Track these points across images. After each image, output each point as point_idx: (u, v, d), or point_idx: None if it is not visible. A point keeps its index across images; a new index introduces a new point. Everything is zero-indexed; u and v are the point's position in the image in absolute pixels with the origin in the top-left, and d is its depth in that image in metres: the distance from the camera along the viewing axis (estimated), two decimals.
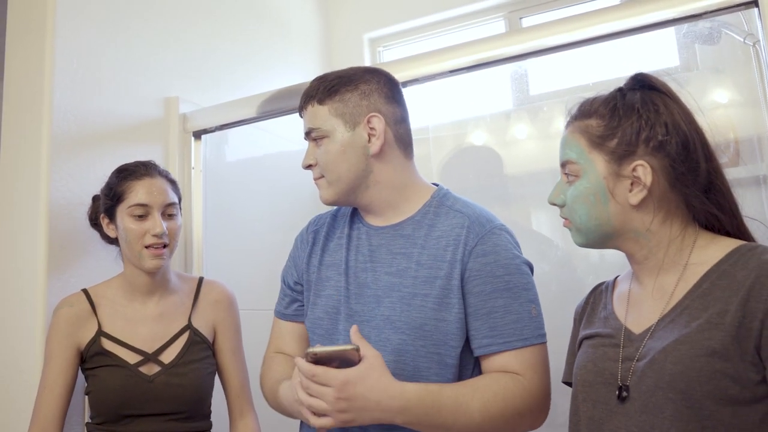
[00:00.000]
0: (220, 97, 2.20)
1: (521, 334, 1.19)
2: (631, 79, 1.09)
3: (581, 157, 1.05)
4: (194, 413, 1.53)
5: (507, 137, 2.46)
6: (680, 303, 0.99)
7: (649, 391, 0.95)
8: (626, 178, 1.02)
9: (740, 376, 0.89)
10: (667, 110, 1.03)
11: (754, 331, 0.89)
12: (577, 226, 1.07)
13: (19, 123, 1.75)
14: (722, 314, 0.92)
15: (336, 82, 1.29)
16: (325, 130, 1.28)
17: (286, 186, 2.44)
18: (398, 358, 1.22)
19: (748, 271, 0.93)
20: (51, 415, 1.47)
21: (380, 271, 1.29)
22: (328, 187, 1.31)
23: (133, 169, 1.55)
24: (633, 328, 1.04)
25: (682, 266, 1.02)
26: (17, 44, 1.79)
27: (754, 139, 2.05)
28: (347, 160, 1.28)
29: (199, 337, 1.58)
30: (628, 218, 1.03)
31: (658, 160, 1.01)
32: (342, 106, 1.28)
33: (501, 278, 1.21)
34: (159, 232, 1.49)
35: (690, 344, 0.92)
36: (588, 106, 1.08)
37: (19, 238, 1.69)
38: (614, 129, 1.03)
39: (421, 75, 1.71)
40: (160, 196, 1.52)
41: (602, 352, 1.05)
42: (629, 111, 1.03)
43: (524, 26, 2.68)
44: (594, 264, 2.09)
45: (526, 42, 1.62)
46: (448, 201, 1.32)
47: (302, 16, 2.84)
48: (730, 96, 2.12)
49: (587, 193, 1.04)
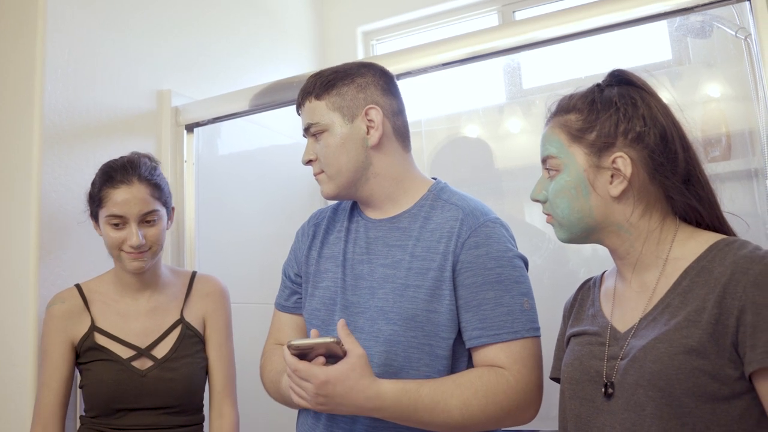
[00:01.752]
0: (213, 91, 2.20)
1: (512, 326, 1.19)
2: (609, 75, 1.10)
3: (561, 151, 1.06)
4: (186, 407, 1.53)
5: (500, 131, 2.46)
6: (662, 301, 0.99)
7: (631, 388, 0.96)
8: (606, 170, 1.03)
9: (718, 373, 0.90)
10: (645, 103, 1.04)
11: (731, 327, 0.90)
12: (560, 221, 1.08)
13: (10, 116, 1.74)
14: (699, 311, 0.93)
15: (332, 77, 1.30)
16: (324, 124, 1.29)
17: (278, 179, 2.43)
18: (390, 348, 1.22)
19: (725, 268, 0.93)
20: (52, 412, 1.48)
21: (376, 263, 1.30)
22: (329, 181, 1.31)
23: (112, 174, 1.49)
24: (618, 326, 1.05)
25: (662, 261, 1.02)
26: (8, 36, 1.78)
27: (746, 133, 2.06)
28: (347, 152, 1.29)
29: (191, 330, 1.58)
30: (610, 210, 1.04)
31: (637, 152, 1.02)
32: (339, 100, 1.29)
33: (492, 270, 1.22)
34: (134, 243, 1.46)
35: (668, 342, 0.93)
36: (566, 101, 1.09)
37: (10, 231, 1.69)
38: (593, 122, 1.04)
39: (414, 68, 1.71)
40: (135, 207, 1.47)
41: (588, 350, 1.06)
42: (607, 104, 1.04)
43: (517, 19, 2.68)
44: (586, 258, 2.10)
45: (519, 35, 1.62)
46: (445, 194, 1.32)
47: (295, 9, 2.83)
48: (722, 90, 2.13)
49: (568, 186, 1.05)
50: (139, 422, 1.48)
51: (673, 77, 2.21)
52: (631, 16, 1.48)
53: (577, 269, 2.14)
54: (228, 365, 1.62)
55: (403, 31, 2.92)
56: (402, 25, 2.91)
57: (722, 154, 2.10)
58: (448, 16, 2.82)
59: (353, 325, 1.27)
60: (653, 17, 1.48)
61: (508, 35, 1.65)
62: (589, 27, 1.53)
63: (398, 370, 1.22)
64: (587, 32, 1.54)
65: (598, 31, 1.53)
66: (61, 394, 1.50)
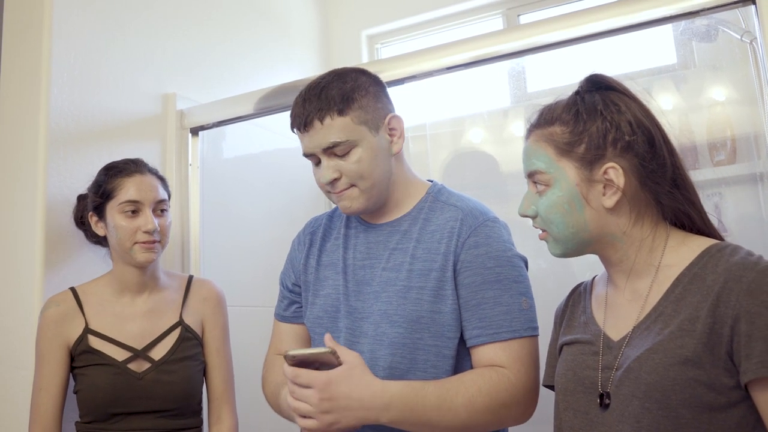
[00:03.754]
0: (218, 94, 2.20)
1: (510, 325, 1.19)
2: (586, 80, 1.07)
3: (550, 166, 1.03)
4: (184, 410, 1.53)
5: (504, 134, 2.46)
6: (655, 309, 0.98)
7: (627, 400, 0.95)
8: (598, 182, 1.01)
9: (714, 383, 0.89)
10: (629, 109, 1.02)
11: (725, 337, 0.89)
12: (555, 236, 1.06)
13: (16, 119, 1.74)
14: (693, 321, 0.92)
15: (348, 90, 1.24)
16: (354, 140, 1.23)
17: (283, 183, 2.44)
18: (395, 351, 1.22)
19: (717, 275, 0.92)
20: (50, 415, 1.48)
21: (377, 267, 1.30)
22: (360, 195, 1.26)
23: (123, 167, 1.54)
24: (612, 334, 1.04)
25: (654, 268, 1.01)
26: (15, 40, 1.79)
27: (750, 137, 2.05)
28: (379, 165, 1.26)
29: (190, 333, 1.57)
30: (604, 222, 1.02)
31: (628, 160, 1.01)
32: (363, 113, 1.24)
33: (492, 270, 1.22)
34: (151, 228, 1.49)
35: (663, 353, 0.92)
36: (549, 113, 1.07)
37: (16, 234, 1.69)
38: (580, 134, 1.02)
39: (418, 72, 1.71)
40: (151, 193, 1.52)
41: (581, 359, 1.05)
42: (592, 114, 1.02)
43: (522, 23, 2.68)
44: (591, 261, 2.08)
45: (524, 39, 1.62)
46: (443, 196, 1.33)
47: (300, 12, 2.84)
48: (728, 93, 2.13)
49: (561, 201, 1.03)
50: (136, 426, 1.47)
51: (678, 81, 2.21)
52: (636, 19, 1.48)
53: (581, 272, 2.13)
54: (226, 370, 1.62)
55: (408, 35, 2.92)
56: (406, 29, 2.91)
57: (727, 158, 2.10)
58: (452, 20, 2.82)
59: (358, 330, 1.27)
60: (658, 21, 1.47)
61: (513, 39, 1.65)
62: (594, 31, 1.53)
63: (404, 372, 1.22)
64: (592, 36, 1.54)
65: (603, 35, 1.53)
66: (60, 399, 1.50)
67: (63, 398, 1.51)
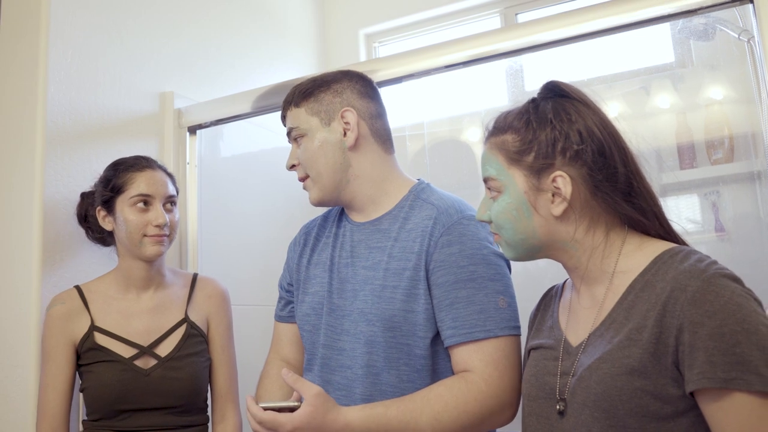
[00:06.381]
0: (215, 93, 2.20)
1: (484, 325, 1.18)
2: (543, 87, 1.08)
3: (501, 173, 1.05)
4: (191, 406, 1.53)
5: None
6: (609, 316, 0.98)
7: (579, 408, 0.95)
8: (546, 191, 1.01)
9: (661, 392, 0.89)
10: (581, 118, 1.02)
11: (671, 347, 0.89)
12: (506, 241, 1.06)
13: (13, 118, 1.74)
14: (640, 330, 0.92)
15: (310, 85, 1.36)
16: (303, 129, 1.34)
17: (280, 181, 2.43)
18: (371, 349, 1.24)
19: (665, 283, 0.92)
20: (57, 413, 1.48)
21: (358, 265, 1.31)
22: (314, 186, 1.35)
23: (133, 162, 1.56)
24: (572, 339, 1.04)
25: (609, 275, 1.01)
26: (11, 38, 1.78)
27: (748, 135, 2.06)
28: (325, 155, 1.32)
29: (196, 330, 1.58)
30: (553, 230, 1.03)
31: (576, 170, 1.00)
32: (317, 105, 1.34)
33: (465, 268, 1.21)
34: (162, 222, 1.50)
35: (611, 362, 0.92)
36: (502, 121, 1.08)
37: (13, 233, 1.69)
38: (530, 143, 1.02)
39: (416, 70, 1.71)
40: (162, 188, 1.54)
41: (543, 365, 1.06)
42: (543, 123, 1.02)
43: (519, 22, 2.68)
44: None
45: (522, 38, 1.62)
46: (424, 194, 1.33)
47: (298, 11, 2.84)
48: (725, 92, 2.13)
49: (510, 208, 1.04)
50: (144, 423, 1.47)
51: (675, 80, 2.21)
52: (634, 18, 1.48)
53: None
54: (230, 368, 1.63)
55: (406, 34, 2.92)
56: (404, 28, 2.91)
57: (725, 157, 2.10)
58: (450, 19, 2.82)
59: (339, 328, 1.29)
60: (656, 20, 1.47)
61: (511, 38, 1.65)
62: (591, 29, 1.53)
63: (380, 370, 1.23)
64: (590, 35, 1.54)
65: (601, 34, 1.53)
66: (67, 397, 1.50)
67: (70, 396, 1.51)
